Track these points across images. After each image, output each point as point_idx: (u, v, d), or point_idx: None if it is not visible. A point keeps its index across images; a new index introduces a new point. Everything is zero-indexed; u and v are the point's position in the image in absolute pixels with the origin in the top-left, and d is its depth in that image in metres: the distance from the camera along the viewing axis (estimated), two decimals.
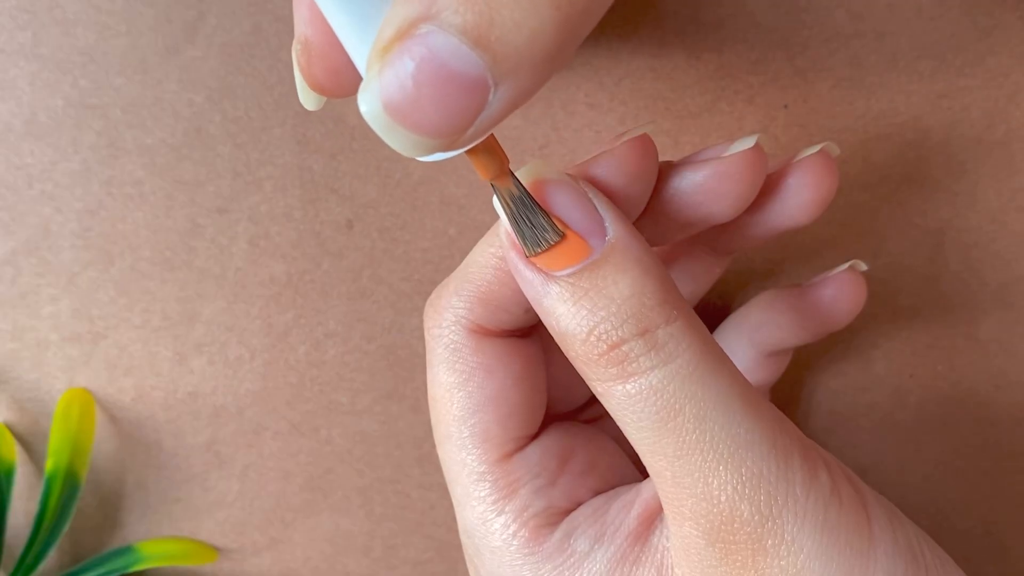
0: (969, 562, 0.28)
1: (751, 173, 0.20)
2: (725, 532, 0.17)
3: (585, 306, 0.17)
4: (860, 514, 0.17)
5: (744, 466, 0.17)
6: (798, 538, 0.17)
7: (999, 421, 0.28)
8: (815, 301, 0.24)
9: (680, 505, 0.17)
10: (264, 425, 0.29)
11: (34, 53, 0.26)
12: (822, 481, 0.17)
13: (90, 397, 0.28)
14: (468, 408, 0.20)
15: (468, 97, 0.13)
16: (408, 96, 0.13)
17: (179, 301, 0.28)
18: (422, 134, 0.13)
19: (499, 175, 0.17)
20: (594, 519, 0.19)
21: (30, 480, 0.29)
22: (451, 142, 0.14)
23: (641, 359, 0.17)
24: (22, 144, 0.27)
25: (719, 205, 0.20)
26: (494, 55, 0.13)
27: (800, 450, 0.17)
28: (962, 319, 0.28)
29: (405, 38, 0.13)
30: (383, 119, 0.13)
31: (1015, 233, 0.27)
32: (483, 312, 0.20)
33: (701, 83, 0.27)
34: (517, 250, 0.18)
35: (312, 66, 0.17)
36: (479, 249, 0.20)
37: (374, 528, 0.29)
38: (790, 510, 0.17)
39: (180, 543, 0.29)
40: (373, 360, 0.28)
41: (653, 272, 0.17)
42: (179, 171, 0.27)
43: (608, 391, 0.17)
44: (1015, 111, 0.26)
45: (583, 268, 0.17)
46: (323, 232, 0.28)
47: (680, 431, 0.17)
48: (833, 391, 0.28)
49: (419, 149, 0.14)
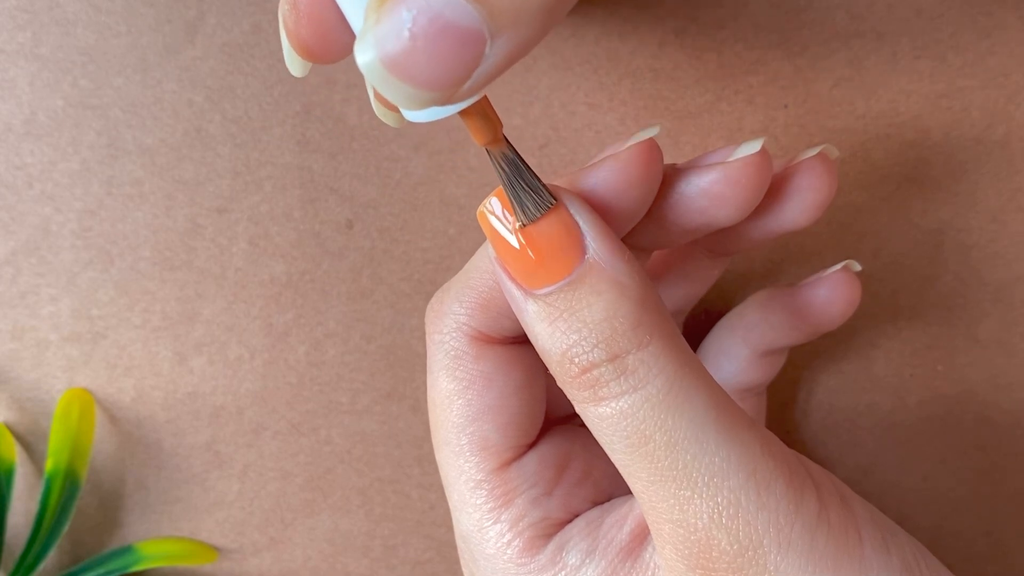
0: (969, 562, 0.28)
1: (757, 178, 0.20)
2: (704, 559, 0.17)
3: (560, 327, 0.17)
4: (851, 537, 0.17)
5: (720, 495, 0.16)
6: (781, 567, 0.16)
7: (999, 421, 0.28)
8: (809, 301, 0.24)
9: (659, 528, 0.17)
10: (264, 425, 0.29)
11: (34, 53, 0.26)
12: (809, 506, 0.17)
13: (90, 397, 0.28)
14: (467, 416, 0.20)
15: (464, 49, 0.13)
16: (404, 47, 0.13)
17: (179, 301, 0.28)
18: (418, 86, 0.13)
19: (494, 140, 0.17)
20: (587, 532, 0.19)
21: (30, 480, 0.29)
22: (447, 95, 0.14)
23: (611, 384, 0.17)
24: (22, 144, 0.27)
25: (724, 210, 0.20)
26: (491, 8, 0.13)
27: (785, 475, 0.17)
28: (962, 319, 0.28)
29: None
30: (380, 71, 0.13)
31: (1015, 233, 0.27)
32: (484, 319, 0.20)
33: (701, 83, 0.27)
34: (502, 265, 0.18)
35: (300, 27, 0.17)
36: (480, 254, 0.20)
37: (374, 528, 0.29)
38: (772, 539, 0.16)
39: (180, 543, 0.29)
40: (373, 360, 0.28)
41: (629, 294, 0.17)
42: (179, 171, 0.27)
43: (583, 411, 0.18)
44: (1015, 111, 0.26)
45: (560, 288, 0.17)
46: (323, 232, 0.28)
47: (651, 458, 0.17)
48: (833, 391, 0.28)
49: (415, 102, 0.14)
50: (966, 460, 0.28)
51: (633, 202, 0.19)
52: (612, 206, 0.19)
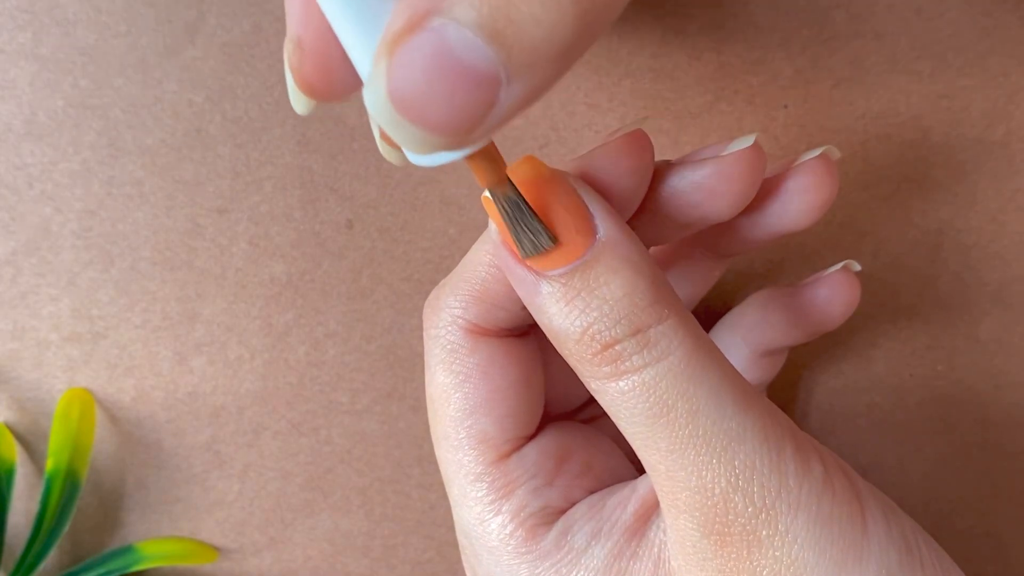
0: (969, 562, 0.28)
1: (750, 172, 0.20)
2: (720, 524, 0.17)
3: (578, 306, 0.17)
4: (854, 505, 0.17)
5: (737, 459, 0.17)
6: (792, 528, 0.17)
7: (999, 421, 0.28)
8: (809, 301, 0.24)
9: (675, 499, 0.17)
10: (264, 425, 0.29)
11: (34, 53, 0.27)
12: (815, 472, 0.17)
13: (90, 397, 0.28)
14: (465, 409, 0.20)
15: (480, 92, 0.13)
16: (418, 89, 0.13)
17: (179, 301, 0.28)
18: (430, 130, 0.13)
19: (498, 182, 0.17)
20: (590, 515, 0.20)
21: (30, 480, 0.29)
22: (459, 140, 0.13)
23: (634, 358, 0.17)
24: (22, 144, 0.27)
25: (718, 205, 0.20)
26: (509, 50, 0.12)
27: (793, 441, 0.17)
28: (962, 319, 0.28)
29: (416, 30, 0.12)
30: (390, 112, 0.13)
31: (1015, 233, 0.27)
32: (480, 311, 0.20)
33: (701, 83, 0.27)
34: (508, 248, 0.18)
35: (304, 66, 0.17)
36: (475, 248, 0.20)
37: (374, 528, 0.29)
38: (784, 501, 0.17)
39: (180, 543, 0.29)
40: (373, 360, 0.28)
41: (644, 271, 0.17)
42: (179, 171, 0.27)
43: (602, 388, 0.18)
44: (1015, 111, 0.26)
45: (575, 268, 0.17)
46: (323, 232, 0.28)
47: (673, 426, 0.17)
48: (833, 391, 0.28)
49: (426, 146, 0.13)
50: (966, 460, 0.28)
51: (624, 192, 0.19)
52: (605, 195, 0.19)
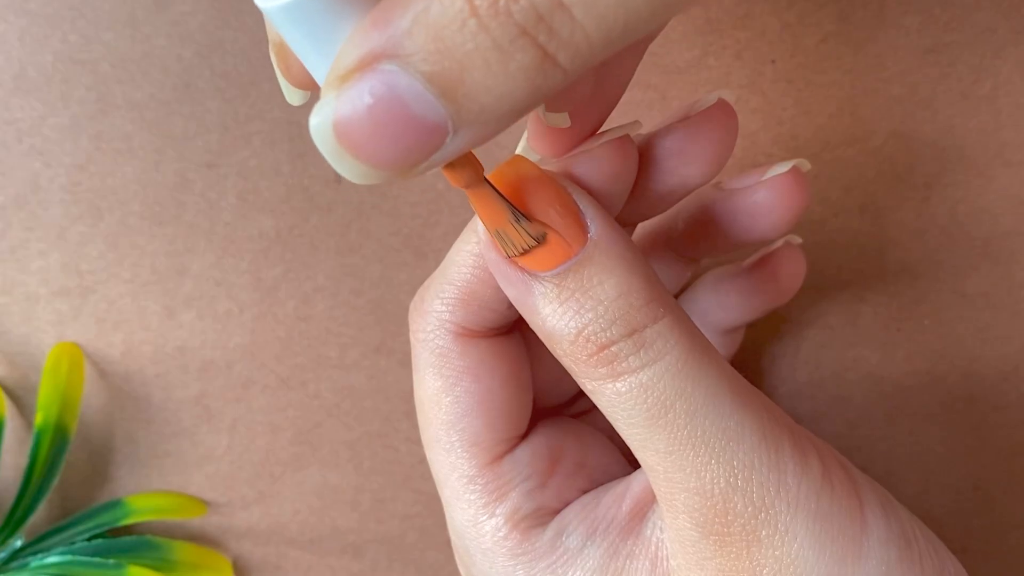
0: (957, 516, 0.28)
1: (721, 130, 0.20)
2: (719, 525, 0.17)
3: (572, 307, 0.17)
4: (852, 500, 0.17)
5: (736, 459, 0.17)
6: (791, 527, 0.17)
7: (986, 374, 0.28)
8: (757, 279, 0.24)
9: (673, 499, 0.17)
10: (253, 379, 0.29)
11: (23, 8, 0.27)
12: (813, 468, 0.17)
13: (79, 351, 0.28)
14: (456, 413, 0.20)
15: (425, 138, 0.13)
16: (363, 128, 0.13)
17: (168, 256, 0.28)
18: (372, 165, 0.13)
19: (472, 183, 0.16)
20: (585, 515, 0.19)
21: (19, 434, 0.29)
22: (400, 176, 0.13)
23: (631, 358, 0.17)
24: (11, 99, 0.27)
25: (693, 166, 0.20)
26: (459, 108, 0.13)
27: (790, 438, 0.17)
28: (949, 274, 0.28)
29: (366, 70, 0.13)
30: (333, 145, 0.13)
31: (1002, 188, 0.27)
32: (466, 313, 0.19)
33: (689, 38, 0.27)
34: (497, 249, 0.17)
35: (291, 67, 0.17)
36: (457, 248, 0.20)
37: (362, 482, 0.29)
38: (783, 500, 0.17)
39: (169, 497, 0.29)
40: (361, 314, 0.28)
41: (638, 270, 0.17)
42: (168, 126, 0.27)
43: (598, 389, 0.17)
44: (1002, 66, 0.26)
45: (568, 268, 0.17)
46: (311, 187, 0.28)
47: (671, 427, 0.17)
48: (820, 345, 0.28)
49: (367, 178, 0.13)
50: (953, 413, 0.28)
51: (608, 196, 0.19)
52: None
